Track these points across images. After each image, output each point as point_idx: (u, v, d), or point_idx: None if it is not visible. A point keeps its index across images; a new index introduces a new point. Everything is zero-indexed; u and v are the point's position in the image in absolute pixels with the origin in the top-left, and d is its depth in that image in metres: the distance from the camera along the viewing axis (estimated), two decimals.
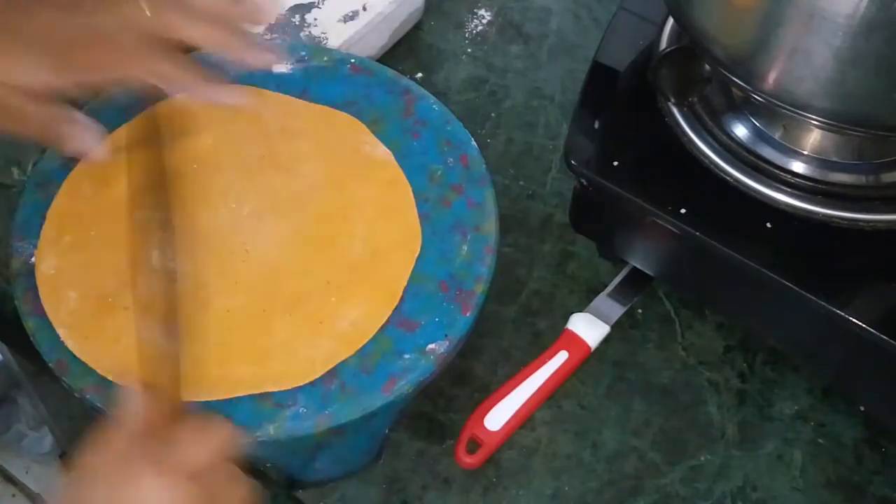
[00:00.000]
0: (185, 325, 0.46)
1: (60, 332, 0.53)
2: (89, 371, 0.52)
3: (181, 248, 0.48)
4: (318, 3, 0.74)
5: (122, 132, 0.61)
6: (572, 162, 0.58)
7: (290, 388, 0.51)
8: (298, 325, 0.53)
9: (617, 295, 0.65)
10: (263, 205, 0.57)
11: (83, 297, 0.54)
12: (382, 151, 0.60)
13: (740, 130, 0.57)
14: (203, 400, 0.51)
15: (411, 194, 0.58)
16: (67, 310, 0.54)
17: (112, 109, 0.61)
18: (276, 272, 0.55)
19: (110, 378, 0.52)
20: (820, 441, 0.61)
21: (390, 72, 0.63)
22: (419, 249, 0.56)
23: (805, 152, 0.56)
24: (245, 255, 0.56)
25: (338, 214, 0.57)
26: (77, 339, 0.53)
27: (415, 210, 0.58)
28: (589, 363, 0.63)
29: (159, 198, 0.49)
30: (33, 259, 0.56)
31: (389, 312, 0.54)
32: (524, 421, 0.61)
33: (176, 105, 0.61)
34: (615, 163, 0.57)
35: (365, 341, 0.53)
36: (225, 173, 0.59)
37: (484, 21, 0.79)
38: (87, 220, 0.57)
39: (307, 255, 0.56)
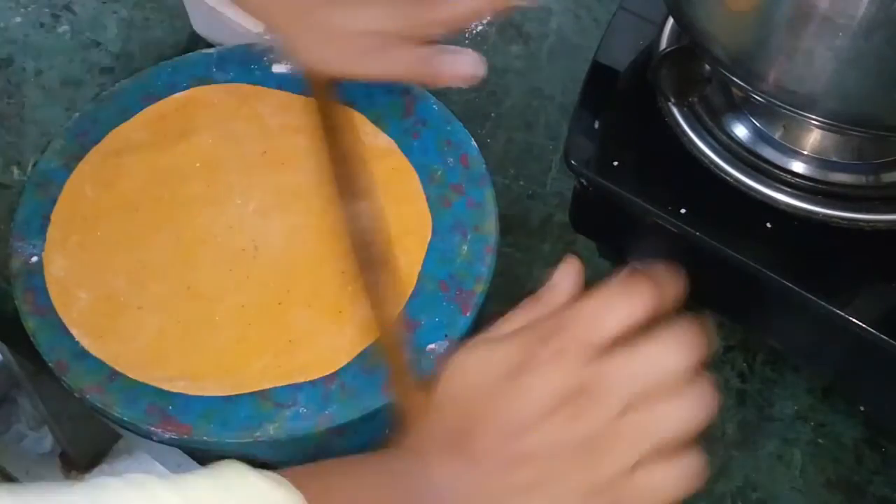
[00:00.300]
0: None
1: (74, 332, 0.53)
2: (90, 371, 0.52)
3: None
4: None
5: (121, 133, 0.61)
6: (572, 162, 0.58)
7: (317, 377, 0.52)
8: (319, 316, 0.54)
9: None
10: (268, 200, 0.58)
11: (95, 297, 0.54)
12: (384, 140, 0.60)
13: (740, 130, 0.57)
14: (221, 395, 0.51)
15: (417, 180, 0.58)
16: (79, 310, 0.54)
17: (112, 110, 0.62)
18: (288, 266, 0.55)
19: (131, 375, 0.52)
20: (820, 441, 0.61)
21: None
22: (430, 234, 0.56)
23: (805, 152, 0.56)
24: (254, 250, 0.56)
25: None
26: (93, 339, 0.53)
27: (423, 195, 0.58)
28: None
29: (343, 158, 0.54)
30: (34, 259, 0.56)
31: (407, 296, 0.54)
32: None
33: (178, 104, 0.62)
34: (615, 163, 0.57)
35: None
36: (227, 171, 0.59)
37: (484, 21, 0.79)
38: (92, 221, 0.57)
39: (318, 247, 0.56)
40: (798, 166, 0.56)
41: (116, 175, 0.59)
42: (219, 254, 0.56)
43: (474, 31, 0.78)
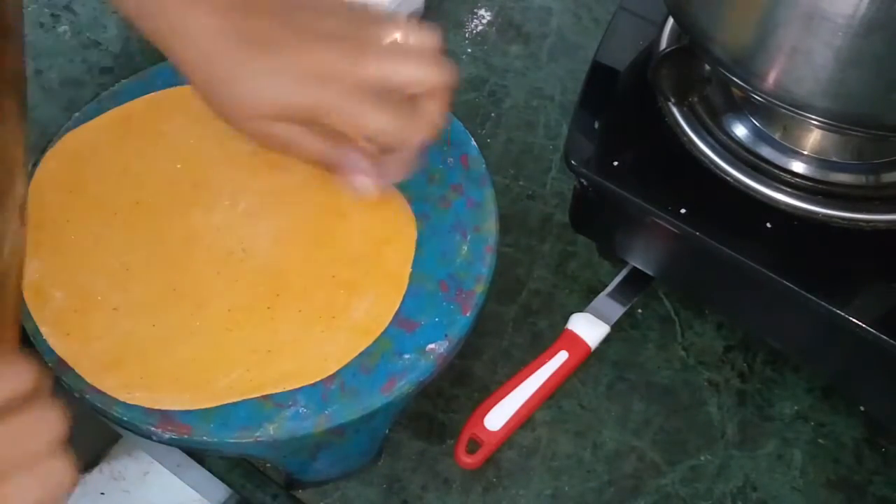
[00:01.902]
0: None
1: (43, 330, 0.53)
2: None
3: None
4: None
5: (78, 136, 0.60)
6: (572, 162, 0.58)
7: (296, 387, 0.51)
8: (310, 322, 0.53)
9: (617, 295, 0.65)
10: (258, 202, 0.57)
11: (69, 296, 0.54)
12: None
13: (740, 130, 0.57)
14: (213, 405, 0.51)
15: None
16: (52, 308, 0.53)
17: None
18: (278, 269, 0.55)
19: (87, 379, 0.51)
20: (820, 441, 0.61)
21: None
22: (416, 233, 0.56)
23: (805, 152, 0.56)
24: (242, 253, 0.56)
25: (333, 208, 0.57)
26: (59, 337, 0.52)
27: (401, 196, 0.57)
28: (589, 363, 0.63)
29: None
30: None
31: (400, 299, 0.54)
32: (524, 421, 0.61)
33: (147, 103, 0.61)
34: (615, 163, 0.57)
35: (381, 331, 0.53)
36: (216, 172, 0.58)
37: (484, 21, 0.79)
38: (62, 225, 0.56)
39: (307, 251, 0.56)
40: (798, 166, 0.56)
41: (82, 178, 0.58)
42: (206, 256, 0.55)
43: (474, 32, 0.78)
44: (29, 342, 0.53)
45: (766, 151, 0.56)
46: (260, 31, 0.46)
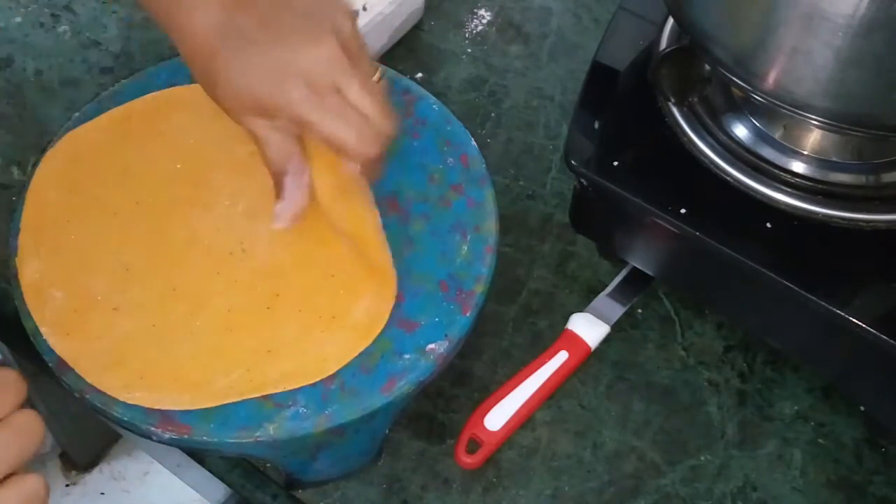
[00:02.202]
0: None
1: (43, 330, 0.53)
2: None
3: None
4: None
5: (78, 135, 0.60)
6: (572, 162, 0.58)
7: (295, 387, 0.51)
8: (310, 322, 0.53)
9: (617, 295, 0.65)
10: (257, 202, 0.57)
11: (69, 296, 0.54)
12: None
13: (740, 130, 0.57)
14: (213, 405, 0.51)
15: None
16: (52, 308, 0.53)
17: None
18: (277, 269, 0.55)
19: (87, 379, 0.51)
20: (820, 441, 0.61)
21: (390, 72, 0.63)
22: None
23: (805, 152, 0.56)
24: (242, 253, 0.56)
25: None
26: (59, 337, 0.52)
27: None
28: (589, 363, 0.63)
29: None
30: None
31: (401, 299, 0.54)
32: (524, 421, 0.61)
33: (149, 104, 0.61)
34: (615, 163, 0.57)
35: (380, 330, 0.53)
36: (216, 172, 0.58)
37: (484, 21, 0.79)
38: (63, 225, 0.56)
39: (306, 250, 0.56)
40: (798, 166, 0.56)
41: (82, 178, 0.58)
42: (206, 256, 0.55)
43: (474, 32, 0.78)
44: (29, 342, 0.53)
45: (766, 151, 0.56)
46: (249, 30, 0.48)
